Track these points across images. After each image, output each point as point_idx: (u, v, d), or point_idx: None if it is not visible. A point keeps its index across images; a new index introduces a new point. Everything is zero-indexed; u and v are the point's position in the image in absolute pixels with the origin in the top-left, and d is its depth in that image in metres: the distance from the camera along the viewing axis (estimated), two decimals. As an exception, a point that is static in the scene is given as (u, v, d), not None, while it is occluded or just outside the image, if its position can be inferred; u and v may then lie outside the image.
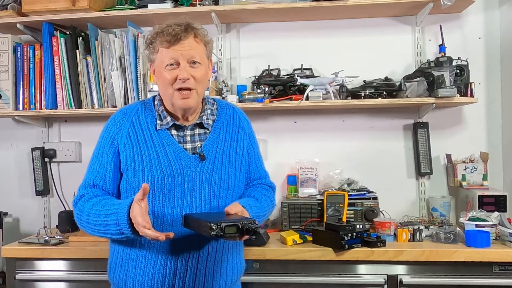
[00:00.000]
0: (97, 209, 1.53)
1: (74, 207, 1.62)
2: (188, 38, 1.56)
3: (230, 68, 2.74)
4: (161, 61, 1.58)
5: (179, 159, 1.60)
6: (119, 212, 1.46)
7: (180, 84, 1.56)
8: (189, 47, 1.56)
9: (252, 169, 1.76)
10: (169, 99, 1.61)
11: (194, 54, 1.57)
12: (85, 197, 1.60)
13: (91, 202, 1.57)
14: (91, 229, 1.56)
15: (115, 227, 1.47)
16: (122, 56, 2.53)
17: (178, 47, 1.55)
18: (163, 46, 1.56)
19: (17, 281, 2.20)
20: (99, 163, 1.63)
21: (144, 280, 1.57)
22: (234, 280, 1.70)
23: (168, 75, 1.56)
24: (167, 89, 1.59)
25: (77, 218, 1.61)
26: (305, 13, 2.57)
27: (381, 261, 2.04)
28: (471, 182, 2.44)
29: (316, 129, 2.69)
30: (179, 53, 1.55)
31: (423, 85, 2.43)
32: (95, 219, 1.53)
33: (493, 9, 2.61)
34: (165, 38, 1.55)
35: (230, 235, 1.39)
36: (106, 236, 1.54)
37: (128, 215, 1.44)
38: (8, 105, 2.62)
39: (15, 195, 2.87)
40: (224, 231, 1.37)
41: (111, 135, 1.64)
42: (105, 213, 1.50)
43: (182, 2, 2.54)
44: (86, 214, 1.56)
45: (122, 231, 1.46)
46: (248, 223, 1.41)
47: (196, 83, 1.58)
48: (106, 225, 1.50)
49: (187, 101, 1.58)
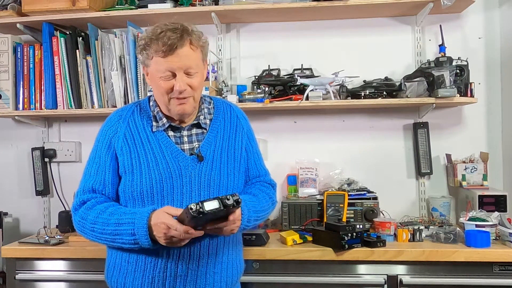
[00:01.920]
0: (104, 217, 1.52)
1: (74, 214, 1.59)
2: (184, 47, 1.52)
3: (230, 68, 2.74)
4: (156, 69, 1.54)
5: (177, 160, 1.58)
6: (135, 222, 1.45)
7: (177, 94, 1.54)
8: (185, 57, 1.52)
9: (251, 167, 1.74)
10: (165, 105, 1.59)
11: (190, 64, 1.53)
12: (87, 204, 1.57)
13: (96, 210, 1.54)
14: (95, 237, 1.54)
15: (129, 237, 1.47)
16: (122, 56, 2.53)
17: (174, 57, 1.51)
18: (158, 56, 1.52)
19: (17, 281, 2.20)
20: (97, 167, 1.61)
21: (144, 283, 1.55)
22: (235, 281, 1.69)
23: (164, 84, 1.54)
24: (162, 96, 1.57)
25: (78, 225, 1.58)
26: (305, 13, 2.57)
27: (381, 261, 2.03)
28: (471, 182, 2.44)
29: (316, 129, 2.69)
30: (175, 64, 1.51)
31: (423, 85, 2.43)
32: (103, 228, 1.51)
33: (493, 9, 2.61)
34: (160, 48, 1.50)
35: (212, 211, 1.35)
36: (113, 244, 1.53)
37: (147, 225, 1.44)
38: (8, 105, 2.62)
39: (15, 195, 2.87)
40: (204, 208, 1.33)
41: (108, 138, 1.62)
42: (116, 222, 1.49)
43: (182, 2, 2.54)
44: (91, 222, 1.53)
45: (138, 241, 1.46)
46: (228, 196, 1.38)
47: (193, 91, 1.56)
48: (116, 234, 1.49)
49: (184, 107, 1.57)
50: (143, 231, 1.44)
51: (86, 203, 1.58)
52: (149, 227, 1.45)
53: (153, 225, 1.44)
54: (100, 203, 1.57)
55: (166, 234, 1.42)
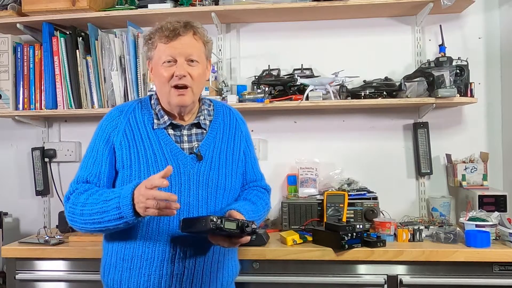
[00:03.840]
0: (94, 198, 1.50)
1: (66, 202, 1.58)
2: (187, 35, 1.56)
3: (230, 68, 2.74)
4: (158, 57, 1.58)
5: (176, 158, 1.59)
6: (121, 195, 1.43)
7: (176, 81, 1.55)
8: (187, 44, 1.56)
9: (248, 171, 1.75)
10: (165, 97, 1.60)
11: (192, 51, 1.57)
12: (79, 189, 1.56)
13: (87, 193, 1.53)
14: (84, 221, 1.51)
15: (115, 211, 1.43)
16: (122, 56, 2.54)
17: (176, 43, 1.55)
18: (162, 42, 1.56)
19: (17, 281, 2.20)
20: (94, 159, 1.60)
21: (140, 281, 1.55)
22: (230, 281, 1.70)
23: (165, 72, 1.56)
24: (163, 86, 1.58)
25: (69, 212, 1.56)
26: (305, 13, 2.57)
27: (381, 261, 2.04)
28: (471, 182, 2.44)
29: (316, 129, 2.69)
30: (177, 50, 1.55)
31: (423, 85, 2.43)
32: (91, 208, 1.49)
33: (493, 9, 2.61)
34: (163, 34, 1.55)
35: (229, 230, 1.42)
36: (100, 226, 1.49)
37: (131, 196, 1.41)
38: (8, 105, 2.62)
39: (15, 195, 2.87)
40: (223, 224, 1.41)
41: (107, 132, 1.62)
42: (104, 199, 1.47)
43: (182, 2, 2.54)
44: (81, 204, 1.51)
45: (122, 214, 1.42)
46: (247, 222, 1.45)
47: (192, 81, 1.57)
48: (103, 211, 1.46)
49: (183, 98, 1.57)
50: (127, 201, 1.41)
51: (78, 189, 1.56)
52: (133, 199, 1.41)
53: (135, 193, 1.41)
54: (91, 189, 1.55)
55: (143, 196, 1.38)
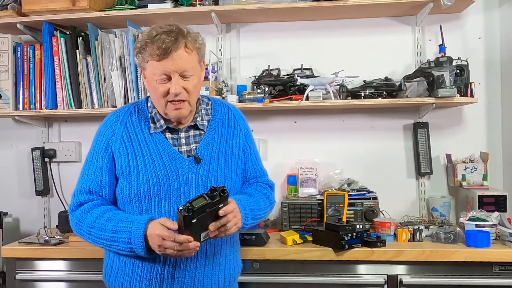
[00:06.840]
0: (101, 222, 1.52)
1: (71, 214, 1.60)
2: (179, 50, 1.51)
3: (230, 68, 2.74)
4: (152, 73, 1.55)
5: (174, 162, 1.59)
6: (132, 231, 1.46)
7: (172, 97, 1.54)
8: (180, 60, 1.52)
9: (248, 168, 1.74)
10: (161, 109, 1.60)
11: (185, 66, 1.53)
12: (84, 207, 1.58)
13: (93, 214, 1.55)
14: (92, 240, 1.56)
15: (125, 245, 1.48)
16: (122, 56, 2.53)
17: (168, 61, 1.51)
18: (153, 59, 1.52)
19: (17, 281, 2.20)
20: (94, 168, 1.62)
21: (141, 285, 1.56)
22: (232, 281, 1.69)
23: (160, 87, 1.54)
24: (159, 100, 1.58)
25: (75, 227, 1.59)
26: (305, 13, 2.57)
27: (381, 261, 2.03)
28: (471, 182, 2.44)
29: (316, 129, 2.69)
30: (170, 68, 1.52)
31: (423, 85, 2.43)
32: (100, 233, 1.52)
33: (493, 9, 2.61)
34: (154, 51, 1.50)
35: (201, 206, 1.38)
36: (110, 249, 1.54)
37: (143, 236, 1.44)
38: (8, 105, 2.62)
39: (15, 195, 2.87)
40: (193, 206, 1.37)
41: (105, 139, 1.63)
42: (112, 229, 1.50)
43: (182, 2, 2.54)
44: (88, 226, 1.54)
45: (134, 249, 1.47)
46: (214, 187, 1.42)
47: (188, 95, 1.56)
48: (113, 240, 1.50)
49: (180, 112, 1.58)
50: (139, 241, 1.46)
51: (83, 205, 1.58)
52: (145, 236, 1.45)
53: (149, 235, 1.45)
54: (97, 207, 1.57)
55: (160, 246, 1.43)
